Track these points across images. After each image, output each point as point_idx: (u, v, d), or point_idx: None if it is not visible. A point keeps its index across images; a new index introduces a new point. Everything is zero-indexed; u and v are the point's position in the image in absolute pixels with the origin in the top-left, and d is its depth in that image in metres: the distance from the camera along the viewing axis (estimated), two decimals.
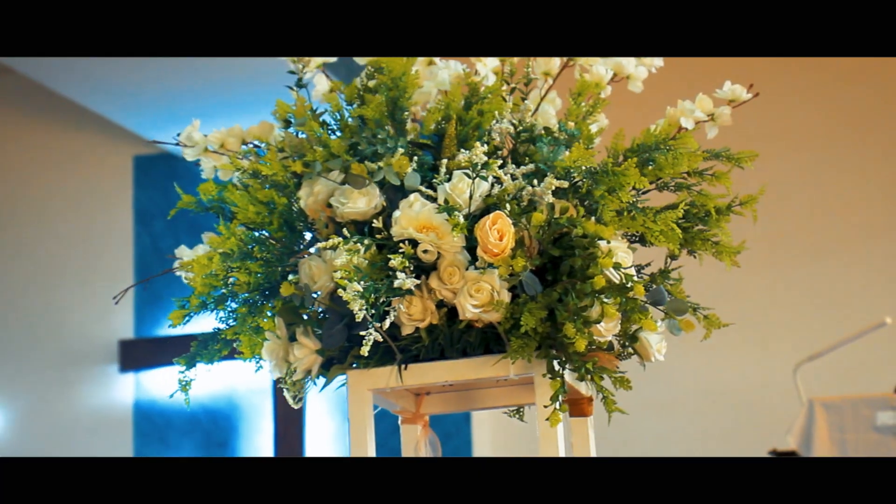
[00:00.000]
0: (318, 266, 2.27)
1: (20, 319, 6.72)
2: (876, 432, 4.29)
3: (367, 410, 2.29)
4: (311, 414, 6.56)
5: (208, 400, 6.65)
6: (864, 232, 5.75)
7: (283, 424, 6.57)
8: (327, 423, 6.57)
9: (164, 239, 6.80)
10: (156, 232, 6.80)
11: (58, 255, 6.83)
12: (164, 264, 7.30)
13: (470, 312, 2.19)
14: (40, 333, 6.74)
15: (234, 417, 6.64)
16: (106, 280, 6.78)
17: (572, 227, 2.19)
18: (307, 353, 2.29)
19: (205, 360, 2.37)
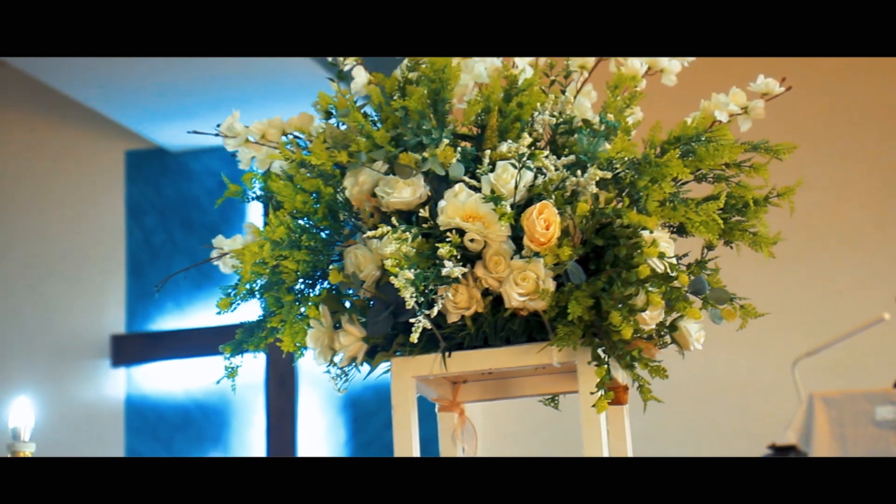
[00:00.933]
0: (364, 255, 2.30)
1: (11, 314, 6.71)
2: (876, 427, 4.36)
3: (410, 397, 2.32)
4: (304, 410, 6.58)
5: (201, 395, 6.66)
6: (862, 227, 5.84)
7: (275, 420, 6.58)
8: (319, 418, 6.59)
9: (155, 234, 6.80)
10: (147, 227, 6.80)
11: (49, 250, 6.82)
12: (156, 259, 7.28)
13: (515, 300, 2.23)
14: (31, 328, 6.73)
15: (226, 413, 6.65)
16: (97, 275, 6.77)
17: (616, 217, 2.23)
18: (353, 341, 2.32)
19: (250, 348, 2.39)
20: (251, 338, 2.40)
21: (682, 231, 2.36)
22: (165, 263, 6.77)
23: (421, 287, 2.17)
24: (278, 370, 6.54)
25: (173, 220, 6.81)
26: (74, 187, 6.83)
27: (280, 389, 6.56)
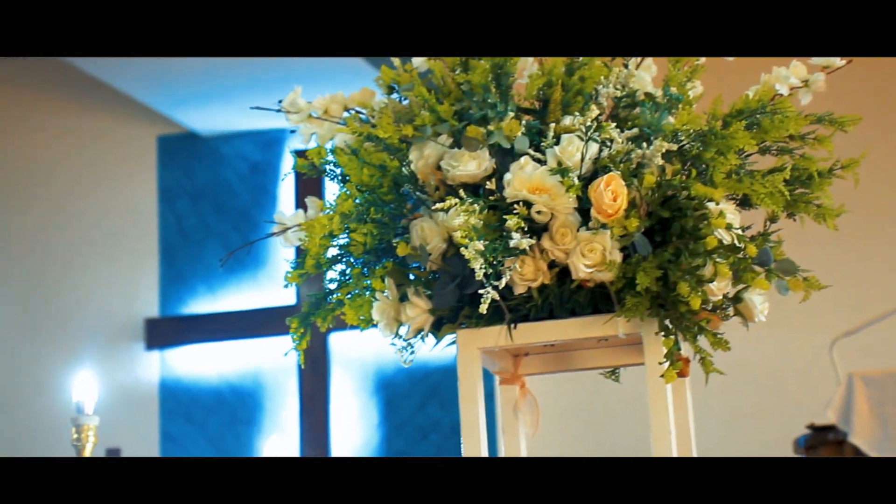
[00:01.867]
0: (430, 227, 2.32)
1: (46, 299, 6.74)
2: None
3: (476, 369, 2.34)
4: (336, 392, 6.60)
5: (234, 378, 6.68)
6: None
7: (308, 402, 6.61)
8: (352, 401, 6.62)
9: (187, 218, 6.83)
10: (179, 211, 6.83)
11: (82, 235, 6.85)
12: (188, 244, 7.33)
13: (582, 272, 2.25)
14: (66, 313, 6.76)
15: (259, 395, 6.68)
16: (130, 259, 6.80)
17: (682, 189, 2.24)
18: (419, 313, 2.34)
19: (317, 321, 2.41)
20: (318, 310, 2.41)
21: (746, 203, 2.37)
22: (197, 247, 6.79)
23: (490, 258, 2.19)
24: (311, 353, 6.55)
25: (205, 205, 6.83)
26: (107, 172, 6.85)
27: (313, 372, 6.59)
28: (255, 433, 6.65)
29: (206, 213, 6.81)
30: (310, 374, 6.57)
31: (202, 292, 6.76)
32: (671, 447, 2.26)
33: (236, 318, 6.65)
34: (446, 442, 6.51)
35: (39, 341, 6.70)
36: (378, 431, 6.59)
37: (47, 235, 6.85)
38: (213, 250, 6.79)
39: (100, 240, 6.84)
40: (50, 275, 6.80)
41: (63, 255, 6.82)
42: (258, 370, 6.70)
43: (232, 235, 6.80)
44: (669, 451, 2.26)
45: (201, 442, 6.65)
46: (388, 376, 6.61)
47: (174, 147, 6.88)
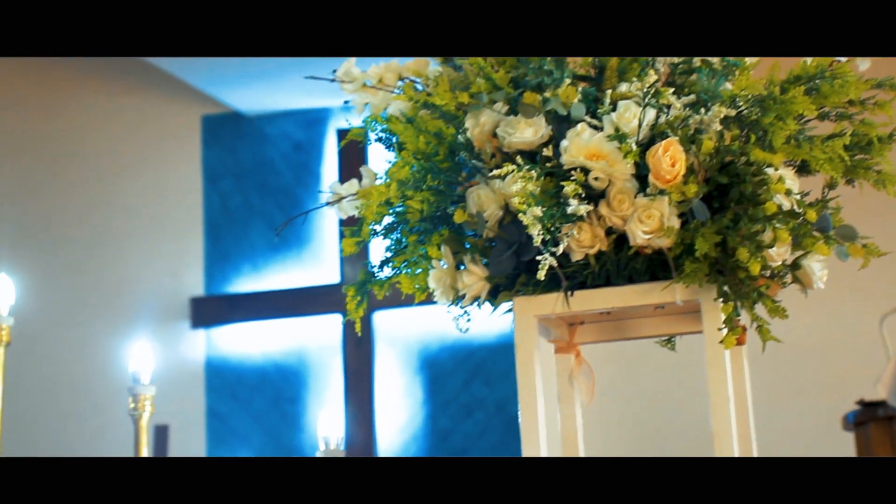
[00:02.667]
0: (487, 195, 2.31)
1: (91, 279, 6.78)
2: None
3: (533, 336, 2.33)
4: (380, 370, 6.61)
5: (279, 356, 6.71)
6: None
7: (353, 381, 6.62)
8: (396, 379, 6.63)
9: (232, 197, 6.85)
10: (224, 191, 6.85)
11: (128, 216, 6.88)
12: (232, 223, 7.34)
13: (640, 238, 2.24)
14: (111, 292, 6.80)
15: (303, 374, 6.70)
16: (176, 239, 6.83)
17: (741, 154, 2.23)
18: (475, 281, 2.33)
19: (374, 289, 2.41)
20: (374, 278, 2.42)
21: (804, 169, 2.35)
22: (242, 227, 6.82)
23: (548, 225, 2.19)
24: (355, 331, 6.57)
25: (249, 184, 6.85)
26: (152, 152, 6.88)
27: (357, 350, 6.60)
28: (299, 411, 6.68)
29: (251, 192, 6.84)
30: (354, 353, 6.59)
31: (247, 271, 6.78)
32: (730, 416, 2.25)
33: (281, 296, 6.67)
34: (491, 420, 6.52)
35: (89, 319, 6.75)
36: (422, 409, 6.60)
37: (94, 216, 6.89)
38: (258, 229, 6.81)
39: (145, 220, 6.87)
40: (97, 255, 6.84)
41: (110, 235, 6.86)
42: (303, 348, 6.73)
43: (276, 214, 6.82)
44: (728, 420, 2.25)
45: (246, 420, 6.68)
46: (433, 354, 6.62)
47: (218, 127, 6.90)
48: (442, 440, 6.54)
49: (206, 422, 6.66)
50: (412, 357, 6.63)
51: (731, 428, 2.24)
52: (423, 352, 6.62)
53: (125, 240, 6.85)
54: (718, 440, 2.24)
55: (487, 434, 6.50)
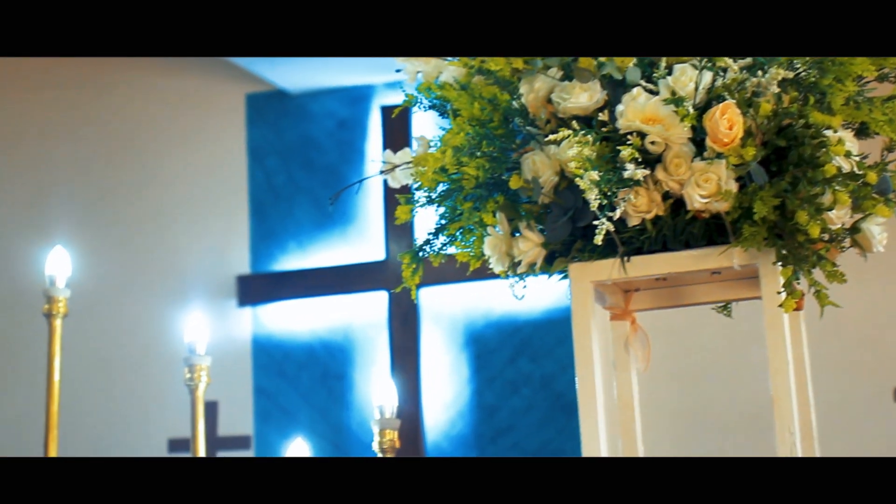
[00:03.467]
0: (542, 160, 2.30)
1: (139, 258, 6.82)
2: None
3: (589, 303, 2.32)
4: (426, 347, 6.62)
5: (325, 334, 6.73)
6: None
7: (399, 357, 6.63)
8: (442, 355, 6.63)
9: (277, 175, 6.87)
10: (269, 169, 6.87)
11: (173, 194, 6.91)
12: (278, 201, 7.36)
13: (698, 202, 2.22)
14: (158, 270, 6.84)
15: (350, 350, 6.71)
16: (221, 217, 6.85)
17: (800, 117, 2.21)
18: (531, 247, 2.33)
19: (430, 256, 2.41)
20: (428, 245, 2.42)
21: (863, 131, 2.33)
22: (287, 204, 6.83)
23: (605, 189, 2.18)
24: (401, 308, 6.59)
25: (294, 162, 6.87)
26: (197, 131, 6.91)
27: (403, 327, 6.61)
28: (346, 388, 6.70)
29: (295, 170, 6.85)
30: (400, 329, 6.59)
31: (292, 249, 6.80)
32: (789, 381, 2.24)
33: (326, 273, 6.68)
34: (536, 395, 6.52)
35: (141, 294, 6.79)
36: (469, 385, 6.60)
37: (142, 194, 6.92)
38: (303, 207, 6.83)
39: (191, 198, 6.90)
40: (146, 232, 6.88)
41: (157, 213, 6.90)
42: (349, 325, 6.74)
43: (321, 192, 6.83)
44: (788, 386, 2.23)
45: (294, 397, 6.71)
46: (478, 330, 6.61)
47: (263, 105, 6.91)
48: (488, 416, 6.54)
49: (254, 399, 6.69)
50: (458, 333, 6.63)
51: (790, 393, 2.23)
52: (468, 328, 6.62)
53: (172, 218, 6.89)
54: (778, 406, 2.22)
55: (533, 410, 6.50)
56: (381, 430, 2.67)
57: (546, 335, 6.52)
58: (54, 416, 2.61)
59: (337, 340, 6.74)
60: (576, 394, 6.90)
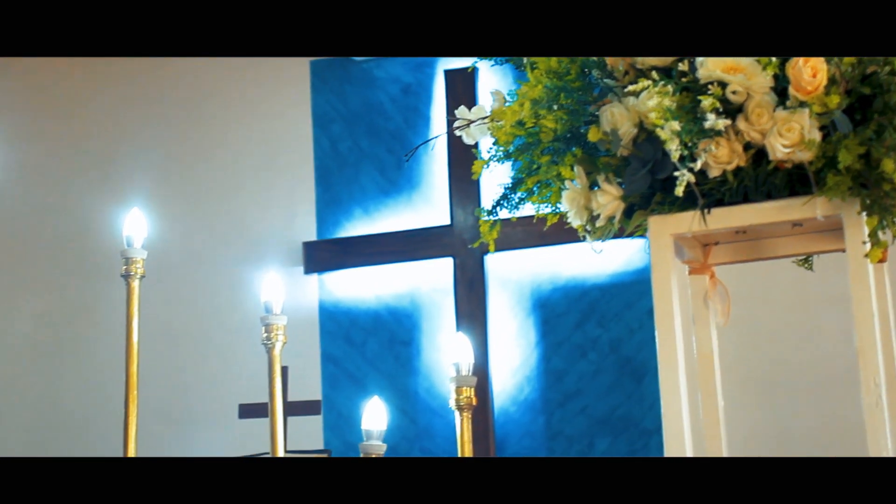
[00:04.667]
0: (621, 112, 2.28)
1: (206, 226, 6.86)
2: None
3: (669, 256, 2.30)
4: (493, 312, 6.61)
5: (392, 300, 6.74)
6: None
7: (465, 323, 6.63)
8: (509, 321, 6.62)
9: (342, 141, 6.87)
10: (334, 135, 6.87)
11: (239, 162, 6.94)
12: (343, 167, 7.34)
13: (780, 152, 2.19)
14: (225, 238, 6.87)
15: (416, 316, 6.72)
16: (287, 184, 6.87)
17: (885, 64, 2.17)
18: (610, 200, 2.31)
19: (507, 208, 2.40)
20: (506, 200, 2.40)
21: None
22: (352, 171, 6.84)
23: (686, 140, 2.15)
24: (467, 273, 6.58)
25: (359, 128, 6.86)
26: (261, 99, 6.92)
27: (469, 292, 6.60)
28: (413, 354, 6.71)
29: (360, 136, 6.85)
30: (466, 295, 6.59)
31: (358, 215, 6.81)
32: (874, 332, 2.21)
33: (392, 239, 6.68)
34: (604, 360, 6.49)
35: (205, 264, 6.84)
36: (536, 350, 6.59)
37: (205, 163, 6.96)
38: (368, 173, 6.83)
39: (256, 166, 6.93)
40: (210, 202, 6.92)
41: (221, 181, 6.93)
42: (415, 291, 6.74)
43: (386, 158, 6.83)
44: (873, 337, 2.20)
45: (361, 363, 6.73)
46: (545, 295, 6.59)
47: (327, 72, 6.92)
48: (556, 381, 6.53)
49: (322, 365, 6.72)
50: (524, 298, 6.62)
51: (875, 344, 2.20)
52: (535, 293, 6.60)
53: (238, 186, 6.92)
54: (863, 358, 2.19)
55: (601, 374, 6.48)
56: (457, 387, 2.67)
57: (613, 299, 6.49)
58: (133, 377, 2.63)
59: (403, 306, 6.75)
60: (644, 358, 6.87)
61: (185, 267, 6.78)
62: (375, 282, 6.77)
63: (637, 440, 6.40)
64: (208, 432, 6.56)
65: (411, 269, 6.74)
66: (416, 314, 6.73)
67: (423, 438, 6.60)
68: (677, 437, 2.25)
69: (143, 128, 7.03)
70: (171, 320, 6.77)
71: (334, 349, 6.74)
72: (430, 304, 6.73)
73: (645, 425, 6.39)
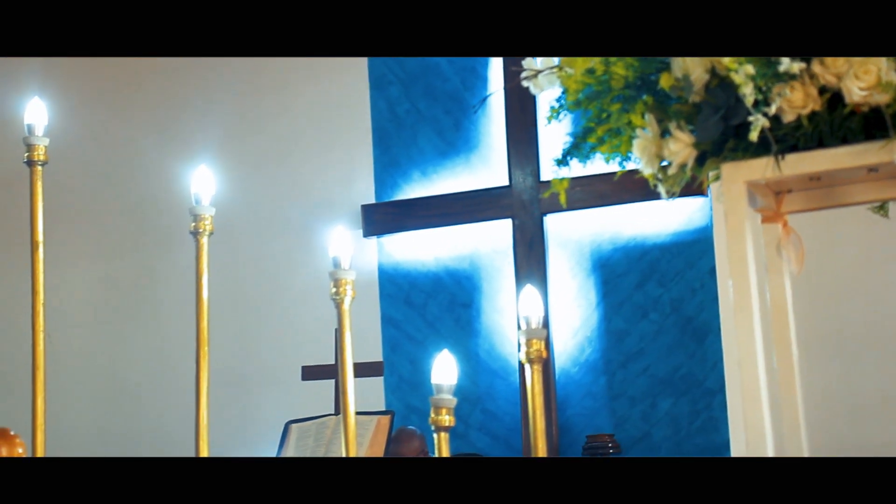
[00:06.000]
0: (693, 59, 2.25)
1: (264, 190, 6.88)
2: None
3: (742, 203, 2.28)
4: (553, 273, 6.58)
5: (451, 262, 6.73)
6: None
7: (525, 284, 6.61)
8: (569, 281, 6.59)
9: (399, 104, 6.86)
10: (391, 97, 6.86)
11: (297, 126, 6.95)
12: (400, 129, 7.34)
13: (856, 95, 2.16)
14: (284, 201, 6.89)
15: (476, 278, 6.71)
16: (345, 147, 6.87)
17: None
18: (682, 147, 2.28)
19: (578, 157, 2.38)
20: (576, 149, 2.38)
21: None
22: (410, 133, 6.83)
23: (760, 84, 2.12)
24: (526, 234, 6.56)
25: (416, 90, 6.85)
26: (319, 62, 6.92)
27: (528, 253, 6.58)
28: (473, 316, 6.71)
29: (417, 98, 6.83)
30: (525, 256, 6.57)
31: (416, 177, 6.80)
32: None
33: (451, 201, 6.67)
34: (666, 320, 6.45)
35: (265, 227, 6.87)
36: (596, 311, 6.56)
37: (263, 127, 6.98)
38: (426, 135, 6.82)
39: (314, 129, 6.93)
40: (268, 167, 6.94)
41: (278, 145, 6.95)
42: (474, 253, 6.74)
43: (444, 119, 6.81)
44: None
45: (421, 325, 6.74)
46: (605, 255, 6.56)
47: None
48: (616, 342, 6.50)
49: (382, 328, 6.73)
50: (584, 259, 6.59)
51: None
52: (595, 253, 6.57)
53: (294, 150, 6.94)
54: None
55: (663, 334, 6.44)
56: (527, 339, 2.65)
57: (674, 259, 6.45)
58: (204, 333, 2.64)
59: (463, 268, 6.74)
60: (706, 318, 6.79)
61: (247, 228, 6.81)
62: (435, 244, 6.76)
63: (700, 400, 6.37)
64: (272, 394, 6.60)
65: (470, 230, 6.72)
66: (475, 276, 6.72)
67: (485, 400, 6.60)
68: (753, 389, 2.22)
69: (207, 92, 7.05)
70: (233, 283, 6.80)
71: (394, 312, 6.75)
72: (489, 265, 6.72)
73: (708, 385, 6.35)
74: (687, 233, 6.41)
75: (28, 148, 2.60)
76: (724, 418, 5.85)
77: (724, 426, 5.79)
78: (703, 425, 6.33)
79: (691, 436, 6.35)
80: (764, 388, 2.24)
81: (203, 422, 2.51)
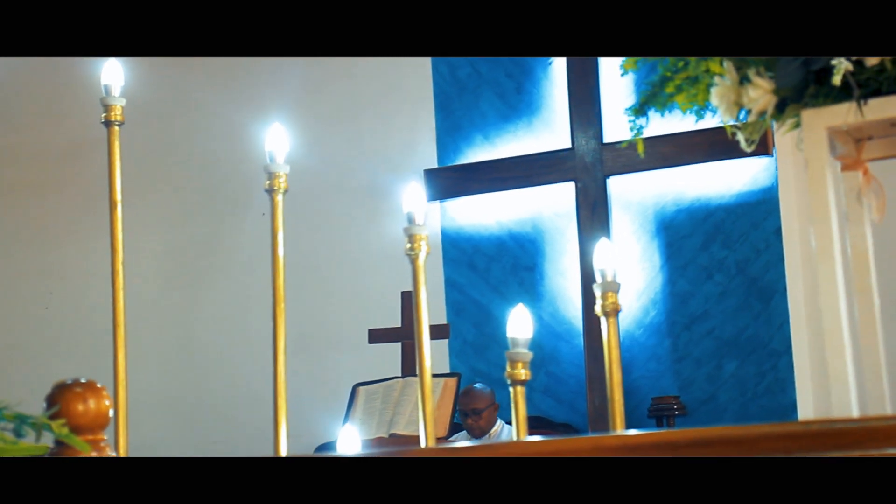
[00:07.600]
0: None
1: (328, 155, 6.90)
2: None
3: (823, 150, 2.25)
4: (617, 235, 6.56)
5: (514, 225, 6.73)
6: None
7: (588, 247, 6.59)
8: (633, 243, 6.57)
9: (461, 68, 6.85)
10: (453, 62, 6.85)
11: (359, 91, 6.96)
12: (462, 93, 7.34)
13: None
14: (348, 167, 6.92)
15: (539, 241, 6.70)
16: (407, 112, 6.88)
17: None
18: (761, 94, 2.26)
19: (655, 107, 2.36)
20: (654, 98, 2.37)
21: None
22: (472, 96, 6.82)
23: None
24: (589, 197, 6.53)
25: None
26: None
27: (591, 216, 6.56)
28: (537, 279, 6.70)
29: (479, 61, 6.82)
30: (589, 218, 6.55)
31: (479, 141, 6.80)
32: None
33: (513, 164, 6.66)
34: (731, 281, 6.42)
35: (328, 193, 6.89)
36: (661, 273, 6.54)
37: (324, 92, 6.99)
38: (488, 99, 6.80)
39: (376, 95, 6.94)
40: (332, 130, 6.96)
41: (340, 110, 6.96)
42: (537, 216, 6.73)
43: (505, 83, 6.79)
44: None
45: (485, 289, 6.74)
46: (669, 217, 6.53)
47: None
48: (681, 304, 6.48)
49: (446, 292, 6.75)
50: (648, 221, 6.56)
51: None
52: (658, 214, 6.54)
53: (357, 115, 6.95)
54: None
55: (728, 296, 6.41)
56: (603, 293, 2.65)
57: (739, 219, 6.41)
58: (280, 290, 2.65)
59: (526, 232, 6.74)
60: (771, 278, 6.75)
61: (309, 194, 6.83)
62: (497, 208, 6.76)
63: (765, 361, 6.34)
64: (339, 358, 6.64)
65: (533, 193, 6.72)
66: (538, 239, 6.72)
67: (550, 363, 6.60)
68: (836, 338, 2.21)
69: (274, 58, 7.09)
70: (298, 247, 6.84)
71: (458, 276, 6.76)
72: (552, 228, 6.71)
73: (773, 346, 6.32)
74: (751, 193, 6.36)
75: (105, 108, 2.61)
76: (791, 379, 5.81)
77: (790, 387, 5.75)
78: (770, 386, 6.30)
79: (757, 397, 6.32)
80: (847, 337, 2.22)
81: (280, 377, 2.52)
